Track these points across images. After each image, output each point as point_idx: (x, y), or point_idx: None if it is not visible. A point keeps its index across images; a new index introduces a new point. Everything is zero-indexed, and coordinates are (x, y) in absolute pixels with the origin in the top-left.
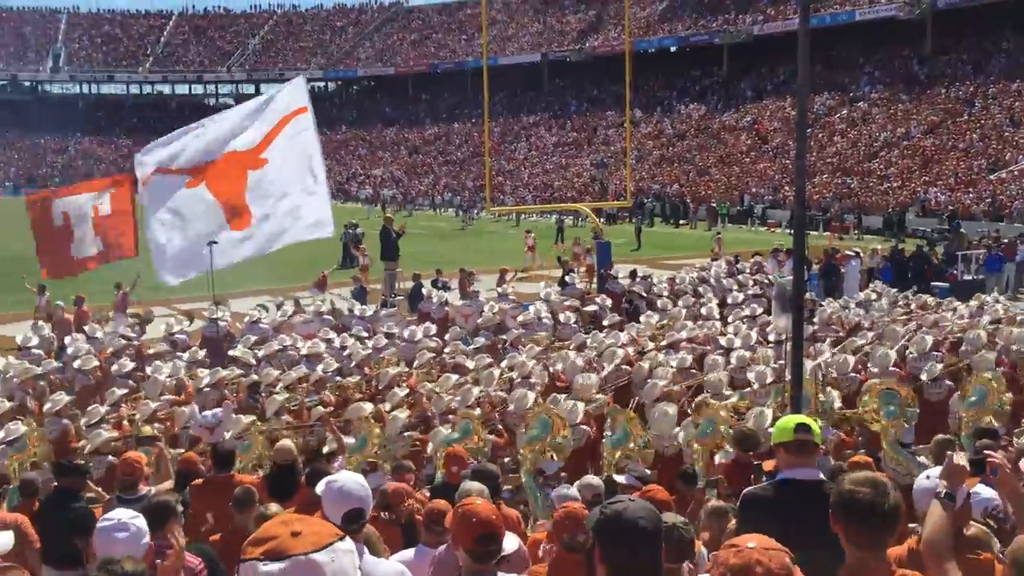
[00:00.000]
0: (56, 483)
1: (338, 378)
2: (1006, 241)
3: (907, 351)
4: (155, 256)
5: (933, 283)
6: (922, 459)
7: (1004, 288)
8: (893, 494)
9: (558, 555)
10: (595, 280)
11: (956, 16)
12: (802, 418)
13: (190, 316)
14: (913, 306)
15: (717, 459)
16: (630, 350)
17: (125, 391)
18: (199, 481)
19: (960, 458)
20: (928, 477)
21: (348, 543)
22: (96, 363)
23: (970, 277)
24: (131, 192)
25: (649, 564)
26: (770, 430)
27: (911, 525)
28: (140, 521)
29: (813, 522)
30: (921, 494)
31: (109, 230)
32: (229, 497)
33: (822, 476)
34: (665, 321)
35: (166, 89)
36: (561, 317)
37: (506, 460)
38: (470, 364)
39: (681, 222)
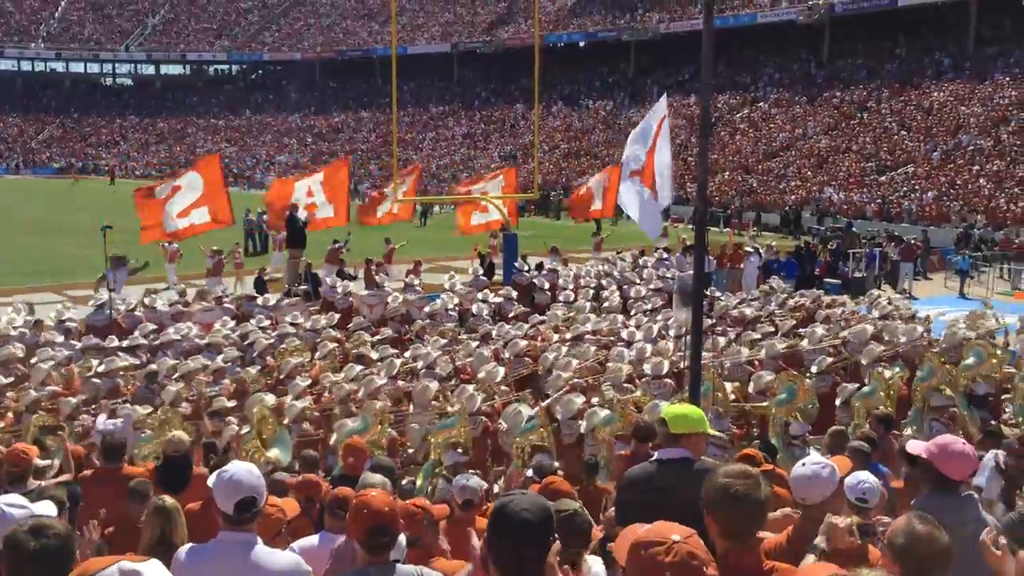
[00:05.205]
0: None
1: (238, 368)
2: (906, 241)
3: (798, 344)
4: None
5: (825, 279)
6: (812, 450)
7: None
8: (765, 486)
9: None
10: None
11: (852, 22)
12: (665, 414)
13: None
14: (806, 301)
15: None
16: (524, 343)
17: (12, 379)
18: (88, 473)
19: (842, 522)
20: (804, 464)
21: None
22: None
23: (860, 274)
24: None
25: (535, 556)
26: None
27: (787, 510)
28: (18, 511)
29: (685, 494)
30: (799, 481)
31: None
32: (118, 489)
33: (690, 455)
34: (571, 314)
35: (60, 67)
36: (473, 308)
37: (411, 451)
38: (374, 355)
39: None
